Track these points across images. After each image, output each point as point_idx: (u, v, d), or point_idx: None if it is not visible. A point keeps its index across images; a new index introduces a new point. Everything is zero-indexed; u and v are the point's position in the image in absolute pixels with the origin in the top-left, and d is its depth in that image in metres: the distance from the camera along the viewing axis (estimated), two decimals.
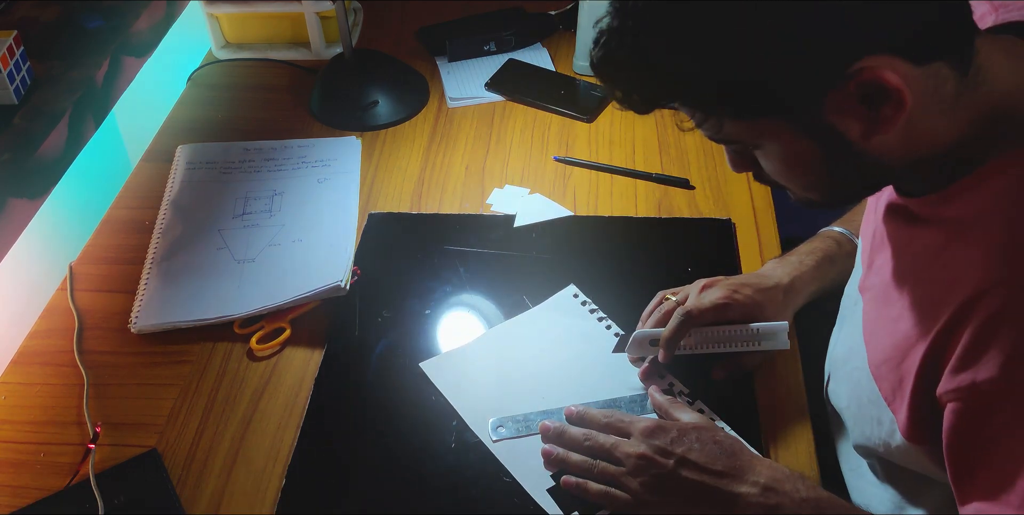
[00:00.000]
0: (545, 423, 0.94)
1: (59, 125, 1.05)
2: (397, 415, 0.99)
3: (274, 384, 1.04)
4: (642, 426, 0.89)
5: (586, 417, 0.94)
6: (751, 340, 0.97)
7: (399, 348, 1.06)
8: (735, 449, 0.87)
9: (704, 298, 0.99)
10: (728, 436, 0.89)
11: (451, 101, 1.43)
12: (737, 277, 1.02)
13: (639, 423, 0.90)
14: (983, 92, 0.69)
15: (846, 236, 1.06)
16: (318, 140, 1.36)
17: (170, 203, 1.26)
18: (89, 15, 1.21)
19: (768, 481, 0.83)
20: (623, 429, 0.90)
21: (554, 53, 1.51)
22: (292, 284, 1.11)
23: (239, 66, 1.53)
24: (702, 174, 1.27)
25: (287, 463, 0.96)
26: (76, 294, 1.15)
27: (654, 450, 0.87)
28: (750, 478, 0.84)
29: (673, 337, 0.97)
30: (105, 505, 0.91)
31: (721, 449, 0.86)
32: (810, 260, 1.04)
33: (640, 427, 0.89)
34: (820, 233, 1.09)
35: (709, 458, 0.85)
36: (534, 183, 1.28)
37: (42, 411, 1.02)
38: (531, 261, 1.16)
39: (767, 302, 0.99)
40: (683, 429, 0.88)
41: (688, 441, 0.87)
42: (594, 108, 1.39)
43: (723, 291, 0.99)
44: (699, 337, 0.98)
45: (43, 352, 1.09)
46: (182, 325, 1.09)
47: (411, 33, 1.58)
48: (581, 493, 0.89)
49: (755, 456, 0.87)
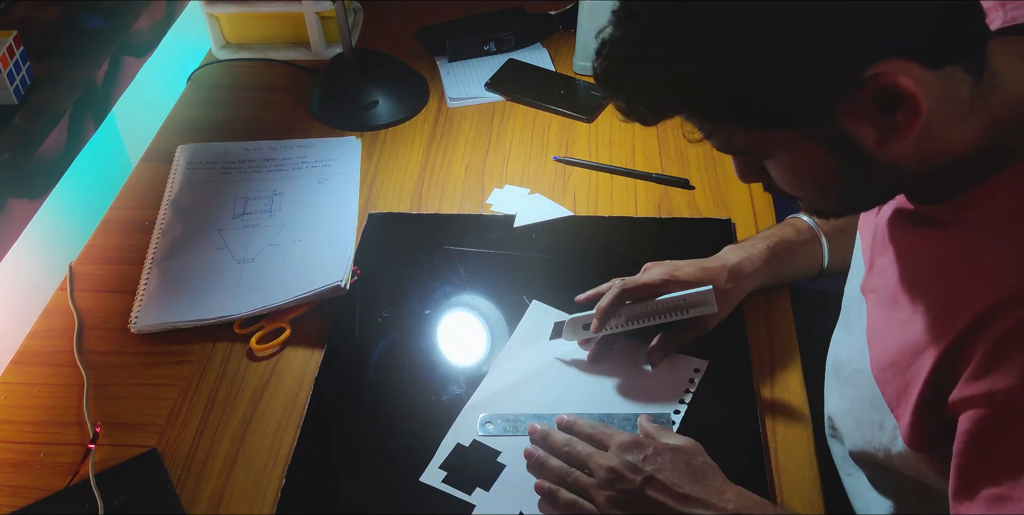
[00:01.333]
0: (534, 425, 0.94)
1: (59, 125, 1.05)
2: (397, 415, 0.99)
3: (274, 384, 1.04)
4: (620, 440, 0.88)
5: (574, 426, 0.93)
6: (679, 309, 0.98)
7: (399, 348, 1.06)
8: (706, 474, 0.85)
9: (644, 275, 1.01)
10: (704, 461, 0.87)
11: (451, 101, 1.43)
12: (684, 260, 1.04)
13: (618, 437, 0.89)
14: (999, 96, 0.68)
15: (808, 224, 1.07)
16: (318, 140, 1.36)
17: (170, 203, 1.26)
18: (89, 15, 1.21)
19: (736, 508, 0.82)
20: (603, 441, 0.90)
21: (554, 53, 1.51)
22: (292, 284, 1.11)
23: (239, 66, 1.53)
24: (702, 174, 1.27)
25: (287, 463, 0.96)
26: (76, 294, 1.15)
27: (624, 465, 0.86)
28: (717, 503, 0.83)
29: (608, 307, 0.98)
30: (105, 505, 0.91)
31: (692, 472, 0.85)
32: (763, 244, 1.05)
33: (618, 441, 0.88)
34: (785, 220, 1.10)
35: (678, 480, 0.84)
36: (534, 183, 1.28)
37: (42, 411, 1.02)
38: (531, 261, 1.16)
39: (708, 280, 1.00)
40: (659, 448, 0.87)
41: (660, 461, 0.86)
42: (594, 108, 1.39)
43: (665, 268, 1.01)
44: (629, 313, 1.00)
45: (43, 352, 1.09)
46: (182, 325, 1.09)
47: (411, 33, 1.58)
48: (551, 500, 0.89)
49: (726, 482, 0.85)
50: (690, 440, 0.90)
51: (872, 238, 0.87)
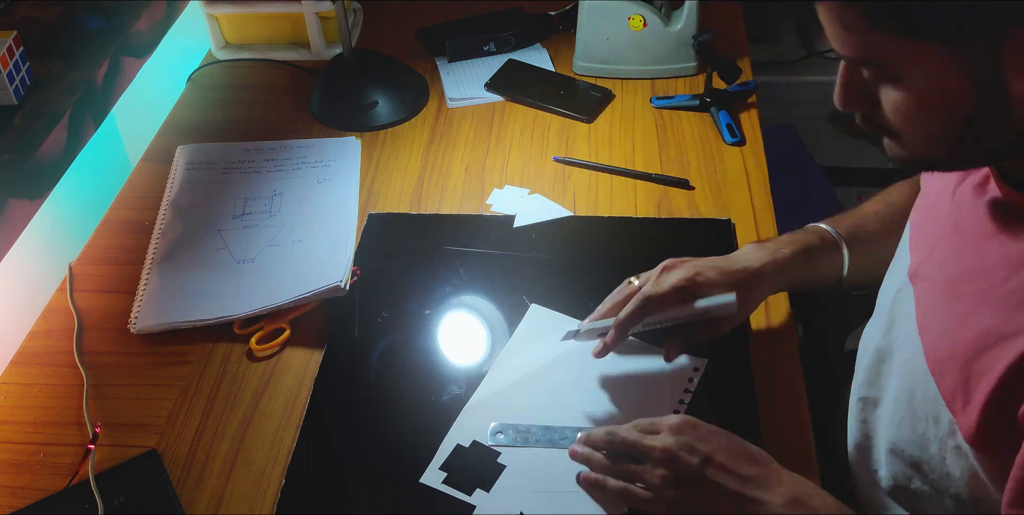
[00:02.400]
0: (574, 447, 0.91)
1: (59, 125, 1.05)
2: (397, 416, 0.99)
3: (274, 384, 1.04)
4: (671, 422, 0.86)
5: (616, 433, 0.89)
6: (698, 315, 0.96)
7: (399, 348, 1.06)
8: (764, 458, 0.84)
9: (664, 282, 0.96)
10: (756, 446, 0.86)
11: (451, 101, 1.43)
12: (704, 259, 0.99)
13: (668, 419, 0.87)
14: None
15: (831, 233, 1.03)
16: (318, 140, 1.36)
17: (170, 203, 1.26)
18: (89, 15, 1.21)
19: (795, 494, 0.81)
20: (649, 429, 0.87)
21: (554, 53, 1.51)
22: (292, 284, 1.11)
23: (239, 67, 1.53)
24: (702, 174, 1.27)
25: (287, 463, 0.96)
26: (76, 294, 1.15)
27: (680, 445, 0.84)
28: (776, 488, 0.81)
29: (628, 320, 0.95)
30: (105, 505, 0.91)
31: (749, 455, 0.84)
32: (787, 249, 1.00)
33: (668, 423, 0.86)
34: (806, 227, 1.06)
35: (737, 462, 0.83)
36: (534, 183, 1.28)
37: (42, 411, 1.02)
38: (531, 261, 1.16)
39: (730, 285, 0.96)
40: (713, 430, 0.85)
41: (717, 441, 0.84)
42: (594, 108, 1.39)
43: (685, 272, 0.96)
44: (647, 318, 0.96)
45: (43, 352, 1.09)
46: (182, 325, 1.09)
47: (411, 33, 1.58)
48: (599, 489, 0.87)
49: (783, 468, 0.84)
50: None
51: (937, 223, 0.83)
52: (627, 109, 1.40)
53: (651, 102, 1.40)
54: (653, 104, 1.40)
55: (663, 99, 1.40)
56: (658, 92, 1.42)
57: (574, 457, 0.91)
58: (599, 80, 1.44)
